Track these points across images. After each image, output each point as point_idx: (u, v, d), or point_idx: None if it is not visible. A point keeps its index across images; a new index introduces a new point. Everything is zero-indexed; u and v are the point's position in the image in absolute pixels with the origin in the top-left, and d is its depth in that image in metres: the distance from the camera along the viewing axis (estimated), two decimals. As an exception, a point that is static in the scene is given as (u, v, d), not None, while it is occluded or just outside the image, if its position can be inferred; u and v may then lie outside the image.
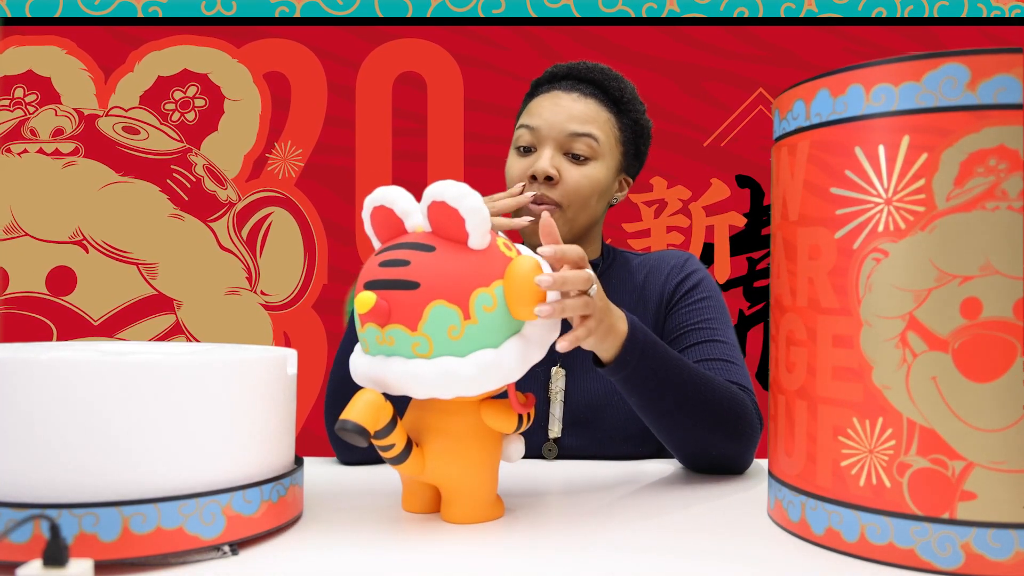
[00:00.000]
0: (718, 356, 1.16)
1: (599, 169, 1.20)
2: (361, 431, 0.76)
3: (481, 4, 2.27)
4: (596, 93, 1.22)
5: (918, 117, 0.70)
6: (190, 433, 0.71)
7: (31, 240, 2.26)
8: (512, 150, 1.24)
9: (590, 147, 1.19)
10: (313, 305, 2.29)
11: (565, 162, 1.19)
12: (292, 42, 2.30)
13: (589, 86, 1.23)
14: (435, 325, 0.76)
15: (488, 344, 0.78)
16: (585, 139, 1.19)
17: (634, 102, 1.26)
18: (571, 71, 1.24)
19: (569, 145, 1.19)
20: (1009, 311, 0.67)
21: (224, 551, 0.72)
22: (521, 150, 1.22)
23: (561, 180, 1.18)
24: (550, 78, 1.26)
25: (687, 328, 1.20)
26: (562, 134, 1.19)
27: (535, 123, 1.20)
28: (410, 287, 0.77)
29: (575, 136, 1.19)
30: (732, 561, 0.73)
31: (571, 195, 1.19)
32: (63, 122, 2.28)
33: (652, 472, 1.10)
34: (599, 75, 1.24)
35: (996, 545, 0.67)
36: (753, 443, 1.09)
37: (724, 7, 2.28)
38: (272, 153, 2.31)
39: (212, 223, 2.30)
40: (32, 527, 0.65)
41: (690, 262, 1.28)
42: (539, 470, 1.10)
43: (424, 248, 0.79)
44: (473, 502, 0.84)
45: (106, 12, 2.28)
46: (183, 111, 2.30)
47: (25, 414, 0.67)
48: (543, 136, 1.19)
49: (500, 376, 0.78)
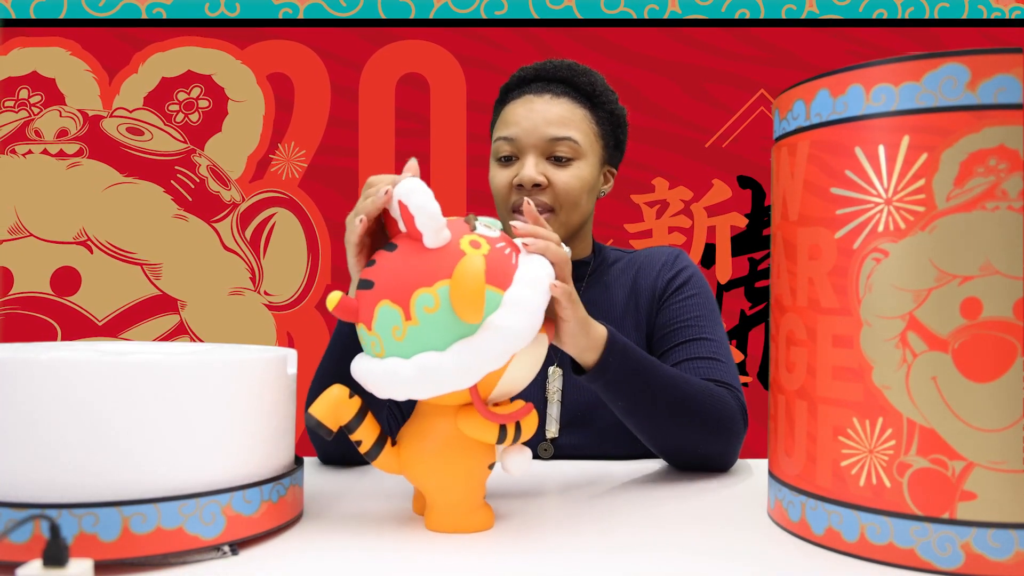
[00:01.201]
0: (705, 354, 1.16)
1: (583, 168, 1.21)
2: (320, 426, 0.77)
3: (483, 5, 2.27)
4: (568, 91, 1.22)
5: (918, 117, 0.70)
6: (190, 433, 0.71)
7: (35, 240, 2.27)
8: (493, 162, 1.24)
9: (572, 148, 1.19)
10: (316, 305, 2.29)
11: (549, 166, 1.19)
12: (295, 43, 2.31)
13: (560, 85, 1.22)
14: (382, 324, 0.76)
15: (432, 346, 0.75)
16: (566, 142, 1.19)
17: (606, 93, 1.25)
18: (538, 73, 1.24)
19: (551, 149, 1.19)
20: (1009, 311, 0.67)
21: (224, 551, 0.72)
22: (503, 160, 1.21)
23: (550, 184, 1.19)
24: (518, 83, 1.25)
25: (676, 325, 1.20)
26: (542, 140, 1.19)
27: (512, 133, 1.20)
28: (367, 286, 0.78)
29: (555, 140, 1.19)
30: (732, 561, 0.73)
31: (562, 197, 1.19)
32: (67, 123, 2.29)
33: (650, 472, 1.10)
34: (567, 72, 1.23)
35: (996, 545, 0.67)
36: (736, 440, 1.09)
37: (725, 8, 2.28)
38: (275, 154, 2.31)
39: (216, 224, 2.30)
40: (32, 527, 0.65)
41: (680, 258, 1.29)
42: (535, 470, 1.10)
43: (389, 247, 0.79)
44: (450, 510, 0.81)
45: (110, 13, 2.28)
46: (187, 112, 2.31)
47: (25, 414, 0.67)
48: (523, 144, 1.19)
49: (443, 380, 0.75)
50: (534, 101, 1.21)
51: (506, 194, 1.21)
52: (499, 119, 1.25)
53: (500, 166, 1.22)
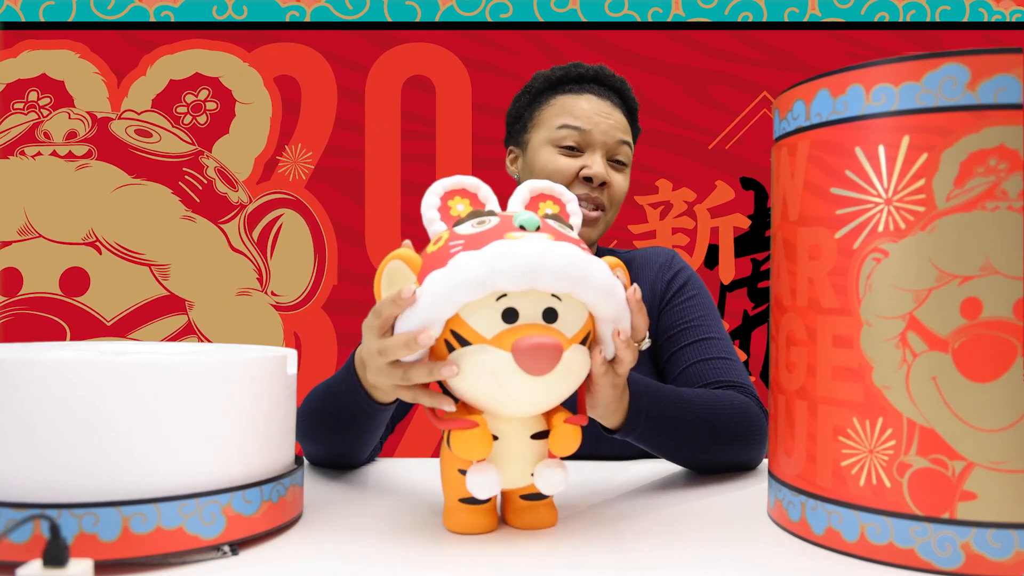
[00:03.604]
0: (717, 354, 1.17)
1: (628, 175, 1.28)
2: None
3: (489, 9, 2.28)
4: (621, 104, 1.28)
5: (918, 117, 0.70)
6: (190, 433, 0.71)
7: (45, 242, 2.28)
8: (549, 147, 1.24)
9: (627, 155, 1.26)
10: (323, 306, 2.30)
11: (609, 167, 1.25)
12: (302, 46, 2.31)
13: (615, 95, 1.28)
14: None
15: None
16: (626, 147, 1.26)
17: (637, 112, 1.32)
18: (598, 76, 1.28)
19: (615, 151, 1.25)
20: (1009, 311, 0.67)
21: (224, 551, 0.72)
22: (567, 148, 1.23)
23: (607, 184, 1.24)
24: (577, 78, 1.28)
25: (683, 326, 1.21)
26: (612, 140, 1.24)
27: (585, 126, 1.23)
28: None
29: (621, 144, 1.25)
30: (732, 561, 0.72)
31: (615, 199, 1.26)
32: (76, 125, 2.30)
33: (649, 472, 1.09)
34: (620, 84, 1.29)
35: (996, 545, 0.67)
36: (765, 441, 1.09)
37: (728, 11, 2.28)
38: (283, 156, 2.32)
39: (223, 225, 2.31)
40: (32, 527, 0.65)
41: (676, 259, 1.32)
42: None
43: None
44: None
45: (119, 17, 2.29)
46: (195, 114, 2.32)
47: (25, 414, 0.67)
48: (594, 140, 1.23)
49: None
50: (599, 103, 1.25)
51: (567, 182, 1.22)
52: (556, 106, 1.26)
53: (563, 153, 1.24)
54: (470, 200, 0.83)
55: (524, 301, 0.73)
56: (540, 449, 0.80)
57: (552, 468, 0.79)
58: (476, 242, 0.74)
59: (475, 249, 0.73)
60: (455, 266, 0.72)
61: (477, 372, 0.74)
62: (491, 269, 0.71)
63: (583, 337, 0.76)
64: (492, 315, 0.73)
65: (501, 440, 0.79)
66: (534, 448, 0.80)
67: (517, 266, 0.70)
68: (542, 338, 0.71)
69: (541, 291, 0.73)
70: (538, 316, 0.73)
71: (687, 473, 1.09)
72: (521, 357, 0.71)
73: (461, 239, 0.76)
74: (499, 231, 0.75)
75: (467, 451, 0.77)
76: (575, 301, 0.74)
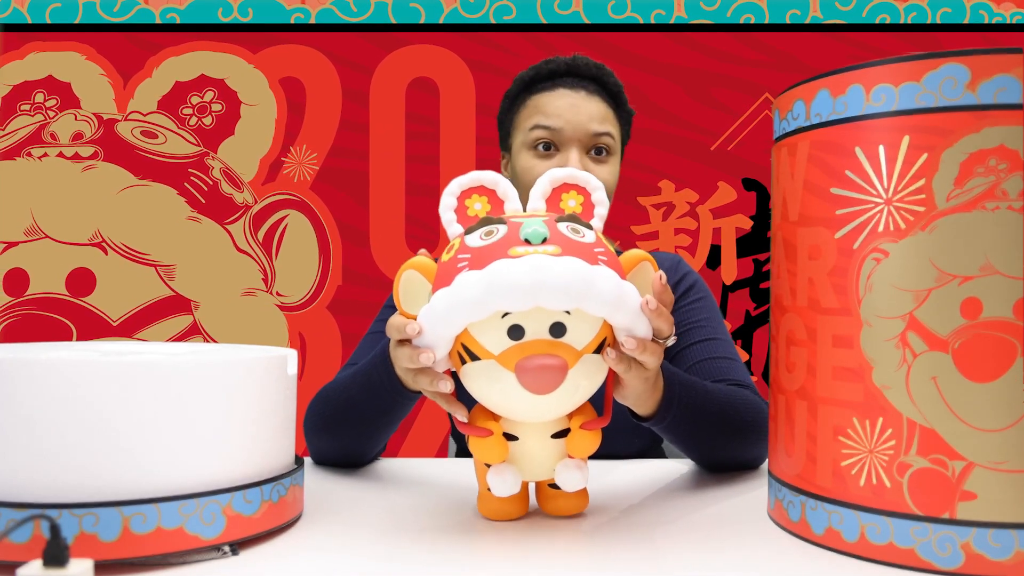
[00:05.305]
0: (722, 354, 1.17)
1: (614, 165, 1.23)
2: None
3: (492, 11, 2.28)
4: (598, 90, 1.23)
5: (918, 117, 0.70)
6: (190, 433, 0.72)
7: (51, 242, 2.29)
8: (525, 151, 1.22)
9: (608, 145, 1.21)
10: (328, 306, 2.31)
11: (588, 161, 1.20)
12: (307, 48, 2.32)
13: (592, 83, 1.23)
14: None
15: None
16: (605, 137, 1.21)
17: (624, 95, 1.27)
18: (571, 68, 1.24)
19: (592, 144, 1.20)
20: (1009, 311, 0.67)
21: (224, 551, 0.73)
22: (541, 149, 1.20)
23: None
24: (549, 75, 1.24)
25: (688, 326, 1.21)
26: (586, 135, 1.20)
27: (556, 124, 1.19)
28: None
29: (597, 135, 1.20)
30: (731, 561, 0.72)
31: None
32: (82, 126, 2.31)
33: (649, 472, 1.09)
34: (596, 71, 1.24)
35: (996, 545, 0.67)
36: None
37: (731, 13, 2.28)
38: (287, 157, 2.33)
39: (229, 225, 2.32)
40: (32, 527, 0.65)
41: (682, 264, 1.30)
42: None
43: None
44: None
45: (125, 19, 2.30)
46: (200, 116, 2.32)
47: (25, 414, 0.67)
48: (567, 137, 1.19)
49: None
50: (572, 95, 1.21)
51: None
52: (529, 107, 1.24)
53: (538, 156, 1.21)
54: (488, 198, 0.83)
55: (529, 318, 0.72)
56: (560, 447, 0.80)
57: (571, 469, 0.80)
58: (480, 258, 0.73)
59: (478, 267, 0.72)
60: (457, 286, 0.72)
61: (486, 386, 0.75)
62: (490, 292, 0.70)
63: (598, 345, 0.75)
64: (498, 332, 0.73)
65: (521, 440, 0.80)
66: (554, 447, 0.80)
67: (516, 288, 0.69)
68: (544, 359, 0.71)
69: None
70: (545, 332, 0.72)
71: (686, 473, 1.09)
72: (524, 378, 0.72)
73: (468, 253, 0.75)
74: (503, 246, 0.74)
75: (483, 456, 0.79)
76: (585, 313, 0.73)
